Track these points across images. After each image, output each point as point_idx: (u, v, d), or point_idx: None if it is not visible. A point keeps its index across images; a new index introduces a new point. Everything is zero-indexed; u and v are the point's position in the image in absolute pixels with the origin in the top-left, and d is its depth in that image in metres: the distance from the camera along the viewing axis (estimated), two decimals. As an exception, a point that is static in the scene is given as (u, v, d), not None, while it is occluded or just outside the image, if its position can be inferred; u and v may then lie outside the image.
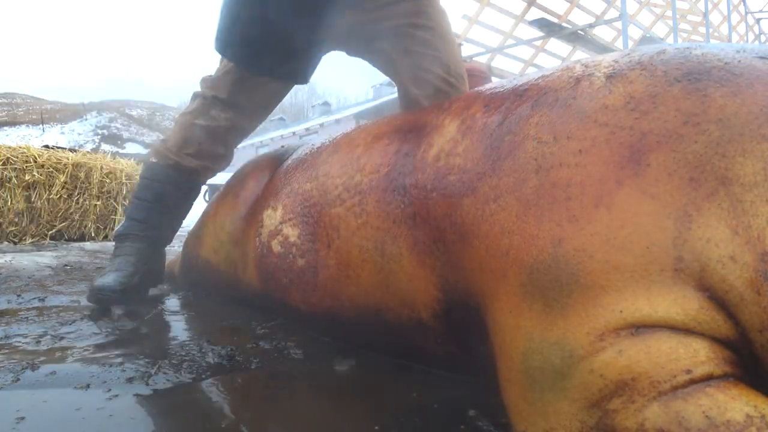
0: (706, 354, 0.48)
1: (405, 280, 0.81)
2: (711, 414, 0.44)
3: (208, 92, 1.47)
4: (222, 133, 1.49)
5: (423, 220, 0.78)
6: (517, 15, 7.47)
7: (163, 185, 1.49)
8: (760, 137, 0.51)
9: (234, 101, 1.46)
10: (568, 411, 0.52)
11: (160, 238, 1.56)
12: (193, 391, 0.81)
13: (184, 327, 1.23)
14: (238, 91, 1.45)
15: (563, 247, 0.55)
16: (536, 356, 0.55)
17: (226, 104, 1.46)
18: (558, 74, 0.72)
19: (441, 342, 0.82)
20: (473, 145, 0.74)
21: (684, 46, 0.65)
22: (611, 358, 0.49)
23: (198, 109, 1.48)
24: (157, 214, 1.50)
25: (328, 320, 1.00)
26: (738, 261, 0.48)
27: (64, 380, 0.83)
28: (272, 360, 0.96)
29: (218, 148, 1.51)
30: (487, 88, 0.85)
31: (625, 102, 0.60)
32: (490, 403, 0.73)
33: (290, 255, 1.05)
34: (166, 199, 1.50)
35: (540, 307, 0.55)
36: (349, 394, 0.83)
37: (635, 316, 0.50)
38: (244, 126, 1.52)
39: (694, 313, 0.49)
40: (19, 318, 1.22)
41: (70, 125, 50.71)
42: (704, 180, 0.52)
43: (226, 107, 1.46)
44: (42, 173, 3.12)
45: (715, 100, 0.55)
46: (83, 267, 2.16)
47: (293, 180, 1.14)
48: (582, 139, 0.60)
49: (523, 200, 0.61)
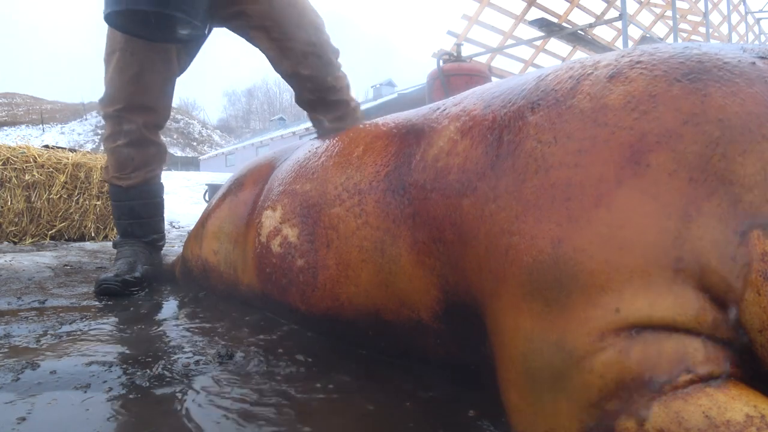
0: (705, 354, 0.48)
1: (405, 281, 0.81)
2: (711, 414, 0.44)
3: (110, 111, 1.54)
4: (147, 133, 1.57)
5: (423, 221, 0.78)
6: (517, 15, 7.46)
7: (130, 203, 1.64)
8: (760, 137, 0.51)
9: (138, 100, 1.51)
10: (567, 411, 0.52)
11: (152, 240, 1.71)
12: (193, 392, 0.81)
13: (184, 327, 1.23)
14: (135, 80, 1.49)
15: (563, 247, 0.55)
16: (536, 356, 0.55)
17: (131, 110, 1.53)
18: (558, 74, 0.72)
19: (441, 342, 0.82)
20: (473, 145, 0.74)
21: (684, 46, 0.65)
22: (611, 359, 0.49)
23: (113, 131, 1.57)
24: (138, 226, 1.67)
25: (328, 320, 1.00)
26: (738, 261, 0.48)
27: (64, 380, 0.83)
28: (272, 359, 0.96)
29: (152, 144, 1.61)
30: (487, 88, 0.85)
31: (625, 102, 0.60)
32: (490, 403, 0.73)
33: (290, 255, 1.05)
34: (137, 211, 1.66)
35: (540, 308, 0.55)
36: (348, 394, 0.83)
37: (635, 316, 0.50)
38: (163, 105, 1.60)
39: (694, 313, 0.49)
40: (19, 318, 1.22)
41: (70, 125, 50.72)
42: (704, 180, 0.51)
43: (133, 112, 1.53)
44: (42, 173, 3.11)
45: (715, 100, 0.55)
46: (83, 267, 2.16)
47: (292, 180, 1.14)
48: (582, 139, 0.60)
49: (523, 200, 0.61)
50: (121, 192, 1.64)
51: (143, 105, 1.55)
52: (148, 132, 1.58)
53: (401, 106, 4.86)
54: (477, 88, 0.89)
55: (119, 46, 1.49)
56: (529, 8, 7.40)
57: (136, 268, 1.56)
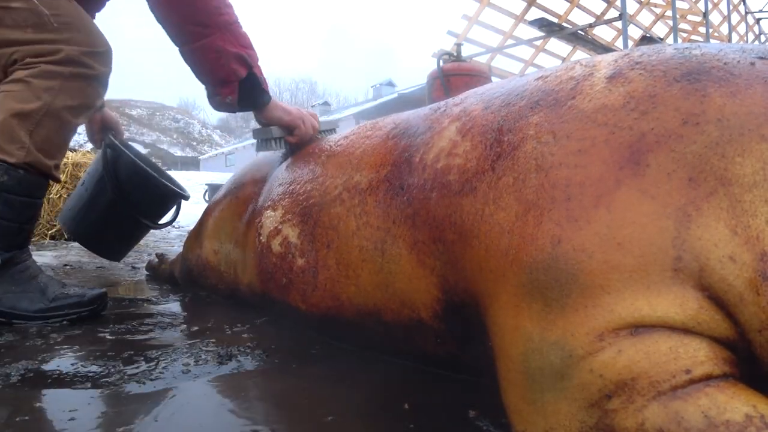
0: (705, 354, 0.48)
1: (405, 281, 0.81)
2: (710, 414, 0.44)
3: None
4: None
5: (423, 221, 0.78)
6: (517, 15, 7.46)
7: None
8: (759, 137, 0.51)
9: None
10: (567, 411, 0.52)
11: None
12: (193, 392, 0.81)
13: (183, 327, 1.23)
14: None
15: (562, 247, 0.55)
16: (536, 356, 0.55)
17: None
18: (558, 74, 0.72)
19: (441, 342, 0.82)
20: (473, 146, 0.74)
21: (684, 46, 0.65)
22: (611, 358, 0.49)
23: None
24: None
25: (328, 320, 1.00)
26: (737, 261, 0.48)
27: (62, 380, 0.83)
28: (271, 359, 0.96)
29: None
30: (487, 89, 0.85)
31: (625, 102, 0.60)
32: (490, 403, 0.73)
33: (290, 255, 1.05)
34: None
35: (539, 307, 0.56)
36: (348, 394, 0.83)
37: (634, 316, 0.50)
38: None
39: (693, 313, 0.49)
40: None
41: (70, 125, 50.45)
42: (703, 180, 0.52)
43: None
44: (42, 173, 3.11)
45: (715, 100, 0.55)
46: (83, 267, 2.16)
47: (293, 180, 1.14)
48: (581, 139, 0.60)
49: (523, 200, 0.61)
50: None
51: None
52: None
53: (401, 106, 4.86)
54: (477, 88, 0.89)
55: None
56: (529, 8, 7.39)
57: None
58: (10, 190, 1.18)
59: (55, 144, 1.25)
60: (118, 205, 1.63)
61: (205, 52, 1.23)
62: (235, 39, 1.23)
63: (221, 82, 1.26)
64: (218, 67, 1.24)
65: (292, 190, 1.12)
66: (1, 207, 1.18)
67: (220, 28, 1.21)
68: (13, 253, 1.21)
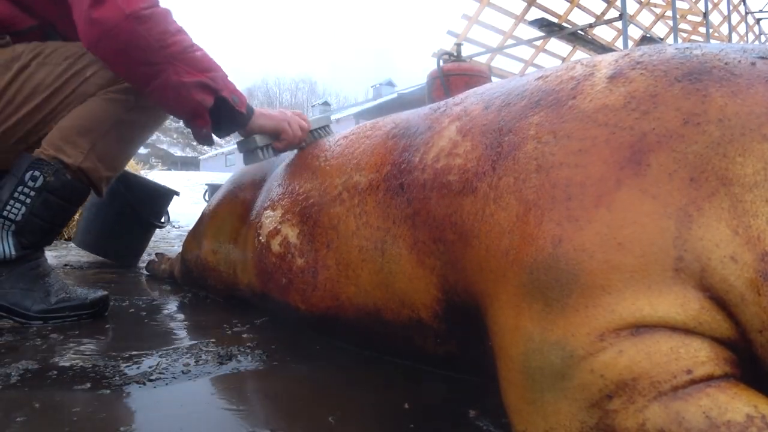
0: (706, 354, 0.48)
1: (405, 281, 0.81)
2: (711, 414, 0.44)
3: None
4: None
5: (423, 220, 0.78)
6: (517, 15, 7.46)
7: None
8: (760, 137, 0.51)
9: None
10: (568, 411, 0.52)
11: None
12: (193, 392, 0.81)
13: (183, 327, 1.23)
14: None
15: (563, 246, 0.55)
16: (536, 356, 0.55)
17: None
18: (558, 74, 0.72)
19: (441, 342, 0.82)
20: (473, 146, 0.74)
21: (684, 46, 0.65)
22: (611, 359, 0.49)
23: None
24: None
25: (328, 320, 1.00)
26: (738, 261, 0.48)
27: (62, 379, 0.83)
28: (271, 359, 0.96)
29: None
30: (487, 88, 0.85)
31: (626, 102, 0.60)
32: (490, 403, 0.73)
33: (289, 255, 1.05)
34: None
35: (540, 307, 0.55)
36: (348, 394, 0.83)
37: (635, 316, 0.50)
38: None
39: (694, 313, 0.49)
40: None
41: (69, 125, 50.47)
42: (704, 180, 0.52)
43: None
44: (42, 173, 3.11)
45: (716, 100, 0.55)
46: (83, 267, 2.16)
47: (292, 180, 1.14)
48: (582, 139, 0.60)
49: (523, 200, 0.61)
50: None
51: None
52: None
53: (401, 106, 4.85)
54: (478, 88, 0.89)
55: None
56: (529, 8, 7.39)
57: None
58: (52, 191, 1.18)
59: (116, 157, 1.27)
60: (126, 213, 2.06)
61: (163, 92, 1.12)
62: (190, 67, 1.11)
63: (191, 116, 1.15)
64: (181, 103, 1.13)
65: (291, 190, 1.12)
66: (39, 205, 1.18)
67: (170, 61, 1.09)
68: (28, 251, 1.22)
